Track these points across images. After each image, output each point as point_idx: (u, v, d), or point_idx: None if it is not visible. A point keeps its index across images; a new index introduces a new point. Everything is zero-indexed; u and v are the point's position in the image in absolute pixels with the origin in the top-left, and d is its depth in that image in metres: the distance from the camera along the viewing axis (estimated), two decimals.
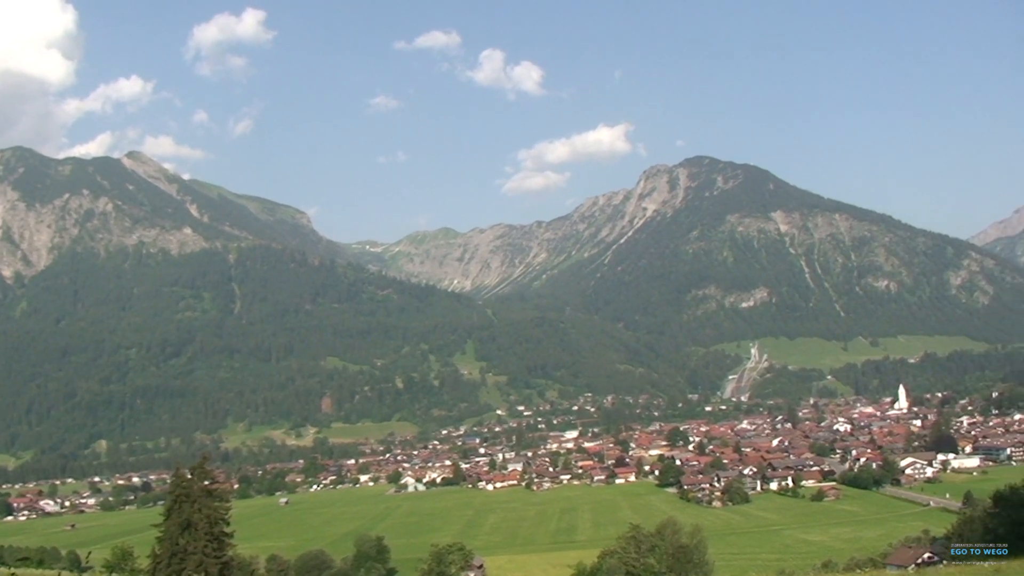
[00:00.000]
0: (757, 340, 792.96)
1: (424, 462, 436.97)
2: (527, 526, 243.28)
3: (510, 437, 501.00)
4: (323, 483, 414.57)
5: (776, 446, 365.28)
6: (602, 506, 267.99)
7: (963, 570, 41.05)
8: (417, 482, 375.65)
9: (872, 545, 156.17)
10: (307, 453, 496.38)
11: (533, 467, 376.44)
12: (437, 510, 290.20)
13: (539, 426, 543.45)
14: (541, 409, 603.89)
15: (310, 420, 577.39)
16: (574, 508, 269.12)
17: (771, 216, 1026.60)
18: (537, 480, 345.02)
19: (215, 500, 72.51)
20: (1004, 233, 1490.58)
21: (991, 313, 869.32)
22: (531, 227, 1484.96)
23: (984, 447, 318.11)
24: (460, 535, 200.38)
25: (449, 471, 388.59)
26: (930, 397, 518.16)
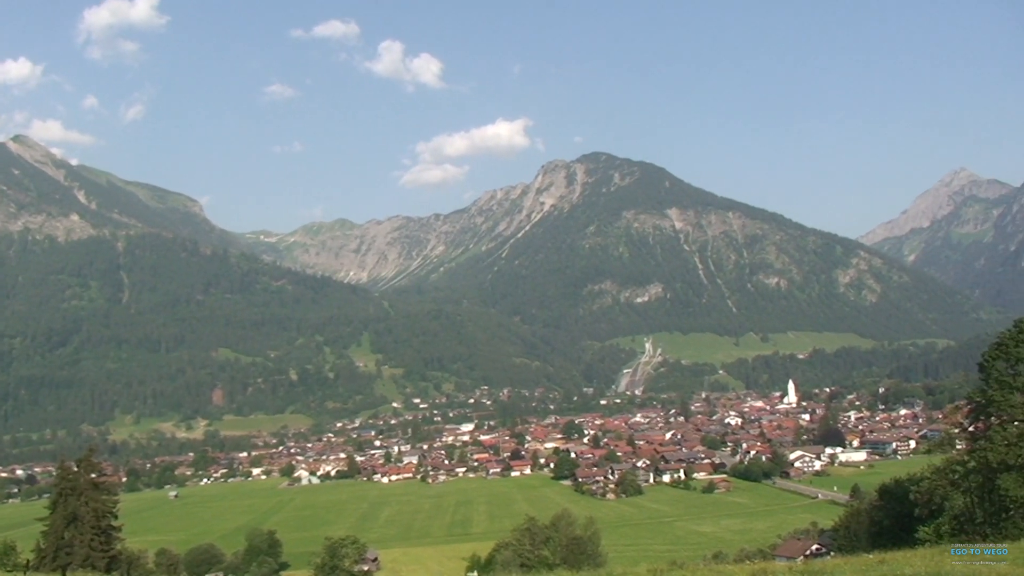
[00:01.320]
0: (651, 335, 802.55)
1: (318, 455, 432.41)
2: (422, 519, 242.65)
3: (406, 430, 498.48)
4: (214, 476, 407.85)
5: (669, 439, 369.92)
6: (497, 499, 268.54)
7: (849, 561, 41.58)
8: (311, 475, 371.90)
9: (762, 537, 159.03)
10: (198, 446, 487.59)
11: (428, 460, 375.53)
12: (331, 503, 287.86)
13: (435, 419, 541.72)
14: (437, 402, 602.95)
15: (201, 412, 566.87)
16: (469, 501, 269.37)
17: (666, 213, 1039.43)
18: (432, 473, 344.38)
19: (102, 493, 70.53)
20: (891, 233, 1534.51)
21: (878, 311, 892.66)
22: (429, 220, 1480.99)
23: (871, 441, 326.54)
24: (354, 528, 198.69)
25: (344, 464, 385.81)
26: (819, 392, 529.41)
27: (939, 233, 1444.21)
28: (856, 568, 35.65)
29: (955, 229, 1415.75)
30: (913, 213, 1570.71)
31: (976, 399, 66.84)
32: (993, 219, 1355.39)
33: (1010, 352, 63.79)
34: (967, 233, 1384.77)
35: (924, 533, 64.71)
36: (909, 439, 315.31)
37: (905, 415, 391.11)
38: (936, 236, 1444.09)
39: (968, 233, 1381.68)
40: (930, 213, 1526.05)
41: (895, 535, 75.51)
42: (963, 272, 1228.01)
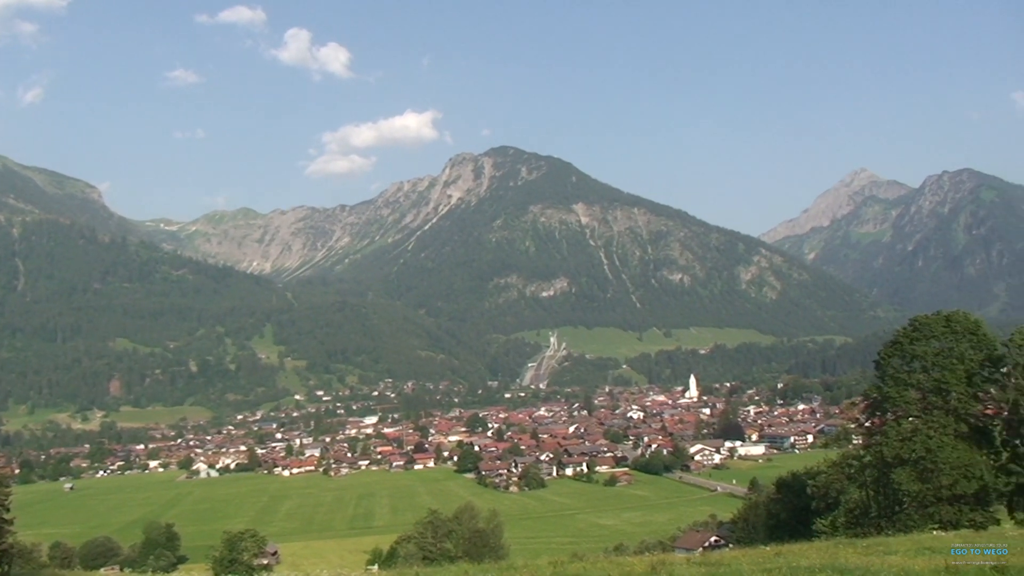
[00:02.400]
0: (556, 329, 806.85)
1: (218, 448, 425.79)
2: (324, 512, 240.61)
3: (308, 422, 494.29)
4: (110, 469, 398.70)
5: (572, 433, 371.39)
6: (400, 492, 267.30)
7: (747, 553, 41.99)
8: (210, 468, 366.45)
9: (662, 529, 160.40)
10: (93, 438, 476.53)
11: (331, 453, 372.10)
12: (231, 496, 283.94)
13: (338, 411, 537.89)
14: (340, 394, 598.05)
15: (97, 403, 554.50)
16: (372, 494, 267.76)
17: (573, 208, 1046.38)
18: (335, 466, 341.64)
19: None
20: (793, 232, 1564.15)
21: (778, 307, 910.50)
22: (334, 211, 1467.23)
23: (769, 435, 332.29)
24: (254, 521, 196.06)
25: (244, 457, 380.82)
26: (719, 387, 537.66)
27: (839, 232, 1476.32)
28: (753, 560, 35.92)
29: (854, 228, 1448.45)
30: (814, 212, 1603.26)
31: (872, 395, 68.12)
32: (892, 219, 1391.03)
33: (905, 350, 65.10)
34: (866, 232, 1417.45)
35: (820, 526, 65.78)
36: (807, 433, 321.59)
37: (803, 410, 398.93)
38: (836, 235, 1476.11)
39: (867, 232, 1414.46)
40: (830, 212, 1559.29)
41: (792, 528, 76.70)
42: (862, 271, 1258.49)
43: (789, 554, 38.20)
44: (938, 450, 59.87)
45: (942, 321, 65.67)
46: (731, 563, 34.75)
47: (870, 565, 29.93)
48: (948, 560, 28.85)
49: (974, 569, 27.04)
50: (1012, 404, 61.97)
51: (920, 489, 59.67)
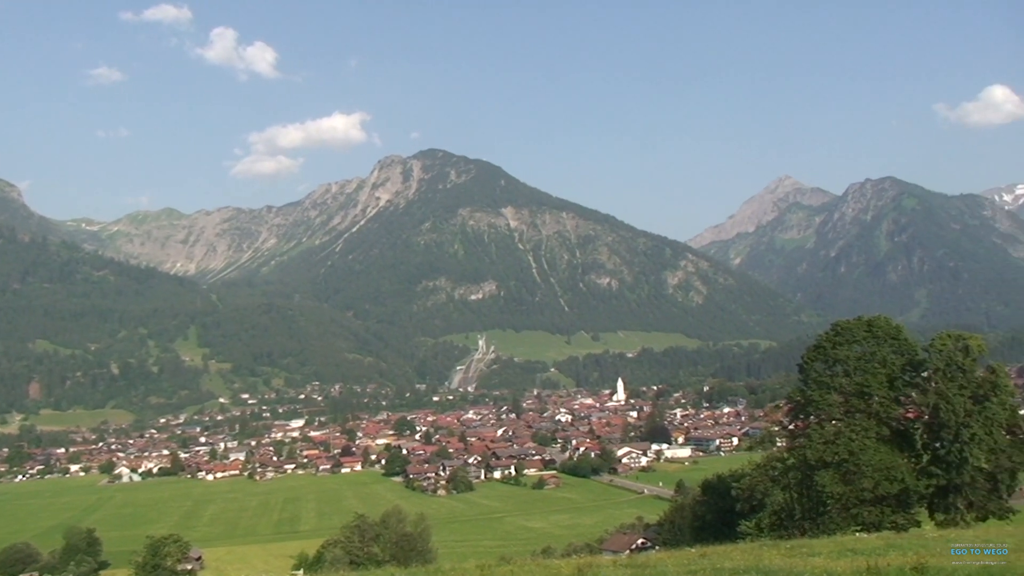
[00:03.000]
0: (485, 332, 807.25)
1: (140, 452, 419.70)
2: (248, 517, 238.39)
3: (233, 426, 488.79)
4: (29, 473, 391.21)
5: (500, 436, 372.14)
6: (327, 496, 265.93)
7: (673, 555, 42.30)
8: (132, 472, 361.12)
9: (590, 531, 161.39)
10: (12, 441, 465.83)
11: (256, 457, 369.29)
12: (153, 501, 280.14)
13: (264, 415, 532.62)
14: (266, 398, 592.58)
15: (16, 406, 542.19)
16: (298, 498, 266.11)
17: (501, 212, 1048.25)
18: (260, 470, 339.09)
19: None
20: (719, 237, 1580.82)
21: (704, 312, 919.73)
22: (261, 212, 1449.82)
23: (695, 438, 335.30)
24: (177, 526, 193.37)
25: (167, 461, 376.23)
26: (646, 390, 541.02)
27: (764, 238, 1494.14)
28: (678, 562, 36.21)
29: (779, 235, 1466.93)
30: (740, 218, 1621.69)
31: (796, 399, 69.03)
32: (815, 226, 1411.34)
33: (828, 354, 66.11)
34: (790, 239, 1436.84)
35: (745, 527, 66.44)
36: (732, 436, 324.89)
37: (728, 413, 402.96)
38: (761, 241, 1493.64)
39: (791, 239, 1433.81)
40: (756, 218, 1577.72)
41: (717, 529, 77.41)
42: (786, 276, 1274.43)
43: (714, 555, 38.58)
44: (860, 453, 60.89)
45: (864, 326, 66.77)
46: (657, 565, 35.02)
47: (793, 567, 30.34)
48: (869, 561, 29.36)
49: (895, 570, 27.53)
50: (932, 408, 63.23)
51: (843, 491, 60.62)
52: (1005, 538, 40.47)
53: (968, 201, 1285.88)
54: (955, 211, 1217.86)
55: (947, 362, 63.67)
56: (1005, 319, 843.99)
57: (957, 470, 62.10)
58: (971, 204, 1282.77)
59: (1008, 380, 67.25)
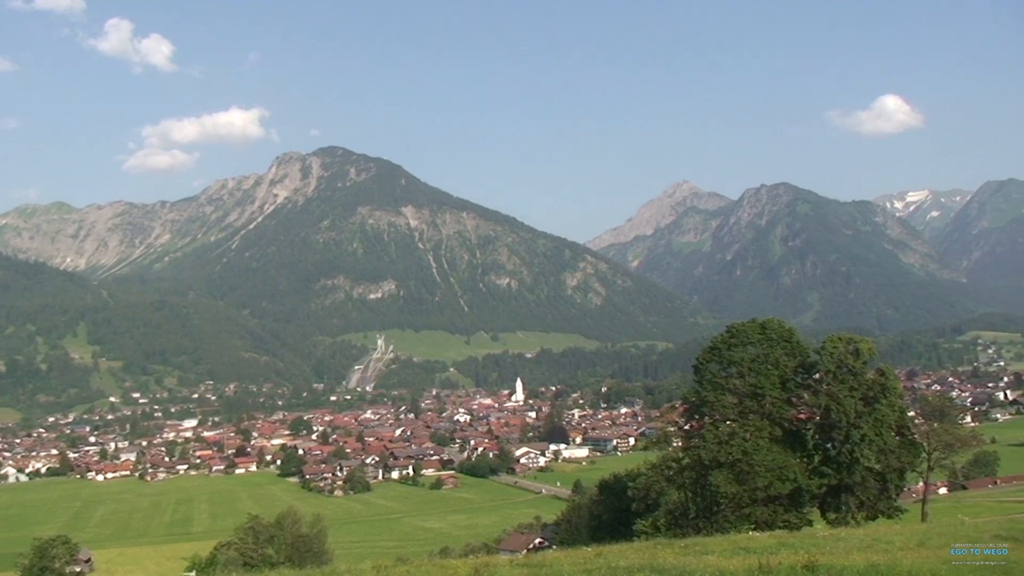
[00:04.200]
0: (384, 331, 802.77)
1: (27, 451, 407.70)
2: (140, 518, 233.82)
3: (124, 425, 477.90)
4: None
5: (399, 436, 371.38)
6: (221, 497, 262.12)
7: (569, 554, 42.34)
8: (19, 472, 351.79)
9: (487, 531, 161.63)
10: None
11: (148, 457, 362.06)
12: (41, 502, 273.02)
13: (156, 414, 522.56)
14: (158, 397, 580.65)
15: None
16: (191, 499, 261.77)
17: (402, 211, 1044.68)
18: (152, 470, 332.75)
19: None
20: (617, 240, 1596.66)
21: (603, 313, 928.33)
22: (155, 207, 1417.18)
23: (593, 438, 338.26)
24: (66, 528, 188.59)
25: (56, 461, 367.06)
26: (545, 390, 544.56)
27: (662, 241, 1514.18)
28: (574, 561, 36.23)
29: (676, 238, 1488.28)
30: (638, 221, 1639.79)
31: (691, 399, 69.79)
32: (712, 229, 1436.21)
33: (723, 355, 66.95)
34: (687, 242, 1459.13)
35: (641, 526, 67.07)
36: (629, 436, 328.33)
37: (625, 413, 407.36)
38: (659, 244, 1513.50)
39: (688, 242, 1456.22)
40: (654, 222, 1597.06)
41: (614, 528, 78.02)
42: (683, 278, 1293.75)
43: (609, 554, 38.67)
44: (754, 453, 61.77)
45: (757, 328, 67.73)
46: (553, 564, 34.98)
47: (687, 565, 30.53)
48: (761, 560, 29.67)
49: (786, 568, 27.86)
50: (824, 409, 64.42)
51: (737, 491, 61.43)
52: (894, 536, 41.43)
53: (860, 208, 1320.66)
54: (847, 217, 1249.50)
55: (838, 364, 64.92)
56: (895, 323, 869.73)
57: (848, 470, 63.35)
58: (863, 210, 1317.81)
59: (897, 382, 68.84)
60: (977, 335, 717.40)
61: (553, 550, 78.26)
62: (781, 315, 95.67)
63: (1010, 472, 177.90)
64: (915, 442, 71.72)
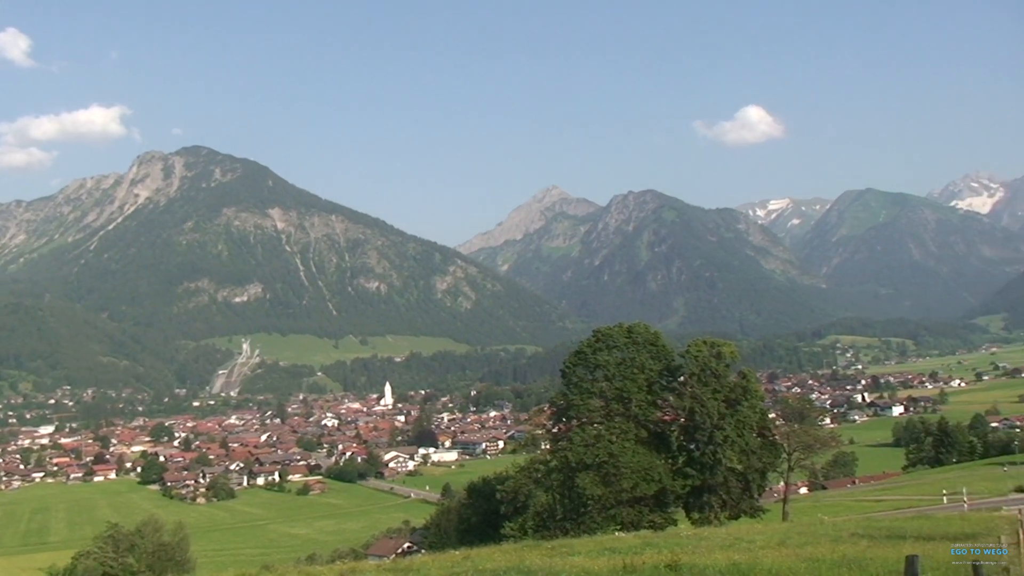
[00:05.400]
0: (249, 335, 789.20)
1: None
2: None
3: None
4: None
5: (264, 441, 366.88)
6: (79, 505, 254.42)
7: (437, 558, 42.34)
8: None
9: (355, 537, 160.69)
10: None
11: (2, 464, 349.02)
12: None
13: (10, 421, 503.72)
14: (13, 403, 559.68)
15: None
16: (47, 508, 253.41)
17: (268, 212, 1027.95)
18: (6, 478, 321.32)
19: None
20: (487, 244, 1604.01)
21: (472, 317, 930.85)
22: (9, 206, 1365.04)
23: (462, 442, 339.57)
24: None
25: None
26: (414, 394, 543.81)
27: (531, 246, 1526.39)
28: (442, 564, 36.28)
29: (546, 243, 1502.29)
30: (508, 226, 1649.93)
31: (558, 403, 70.46)
32: (580, 235, 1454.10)
33: (589, 359, 67.76)
34: (556, 247, 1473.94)
35: (509, 529, 67.28)
36: (498, 440, 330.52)
37: (495, 417, 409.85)
38: (528, 248, 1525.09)
39: (557, 247, 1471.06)
40: (524, 227, 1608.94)
41: (482, 531, 78.10)
42: (552, 283, 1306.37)
43: (477, 557, 38.80)
44: (620, 455, 62.64)
45: (624, 332, 68.74)
46: (420, 568, 34.96)
47: (553, 566, 30.76)
48: (626, 560, 30.09)
49: (650, 567, 28.29)
50: (688, 411, 65.72)
51: (603, 492, 62.20)
52: (755, 536, 42.48)
53: (724, 215, 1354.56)
54: (712, 224, 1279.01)
55: (702, 367, 66.32)
56: (757, 327, 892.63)
57: (711, 471, 64.75)
58: (727, 218, 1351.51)
59: (758, 385, 70.67)
60: (836, 339, 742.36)
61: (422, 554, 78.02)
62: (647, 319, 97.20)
63: (868, 472, 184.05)
64: (776, 443, 73.77)
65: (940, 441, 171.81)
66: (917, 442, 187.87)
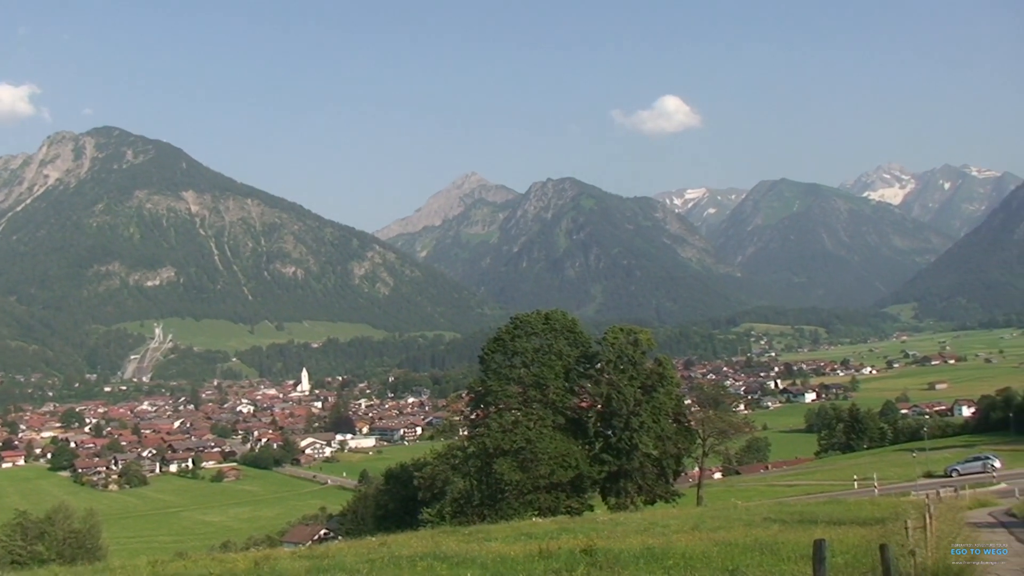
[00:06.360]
0: (162, 320, 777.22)
1: None
2: None
3: None
4: None
5: (178, 428, 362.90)
6: None
7: (353, 545, 42.33)
8: None
9: (271, 524, 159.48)
10: None
11: None
12: None
13: None
14: None
15: None
16: None
17: (182, 195, 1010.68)
18: None
19: None
20: (406, 230, 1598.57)
21: (390, 303, 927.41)
22: None
23: (380, 428, 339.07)
24: None
25: None
26: (331, 380, 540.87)
27: (450, 232, 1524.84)
28: (358, 551, 36.21)
29: (465, 229, 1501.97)
30: (427, 212, 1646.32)
31: (476, 389, 70.65)
32: (499, 222, 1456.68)
33: (507, 346, 68.01)
34: (475, 233, 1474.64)
35: (427, 515, 67.42)
36: (416, 426, 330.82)
37: (413, 403, 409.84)
38: (447, 235, 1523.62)
39: (476, 233, 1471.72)
40: (443, 213, 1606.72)
41: (400, 518, 78.14)
42: (470, 270, 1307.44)
43: (394, 544, 38.80)
44: (537, 441, 63.00)
45: (542, 319, 69.12)
46: (336, 555, 34.85)
47: (469, 551, 30.89)
48: (542, 545, 30.30)
49: (565, 552, 28.54)
50: (605, 398, 66.30)
51: (520, 478, 62.50)
52: (670, 520, 43.08)
53: (642, 203, 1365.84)
54: (630, 212, 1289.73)
55: (619, 354, 66.94)
56: (673, 314, 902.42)
57: (627, 456, 65.42)
58: (644, 206, 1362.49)
59: (674, 372, 71.60)
60: (750, 327, 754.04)
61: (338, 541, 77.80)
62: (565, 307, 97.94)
63: (780, 457, 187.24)
64: (691, 429, 74.86)
65: (851, 427, 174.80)
66: (829, 428, 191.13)
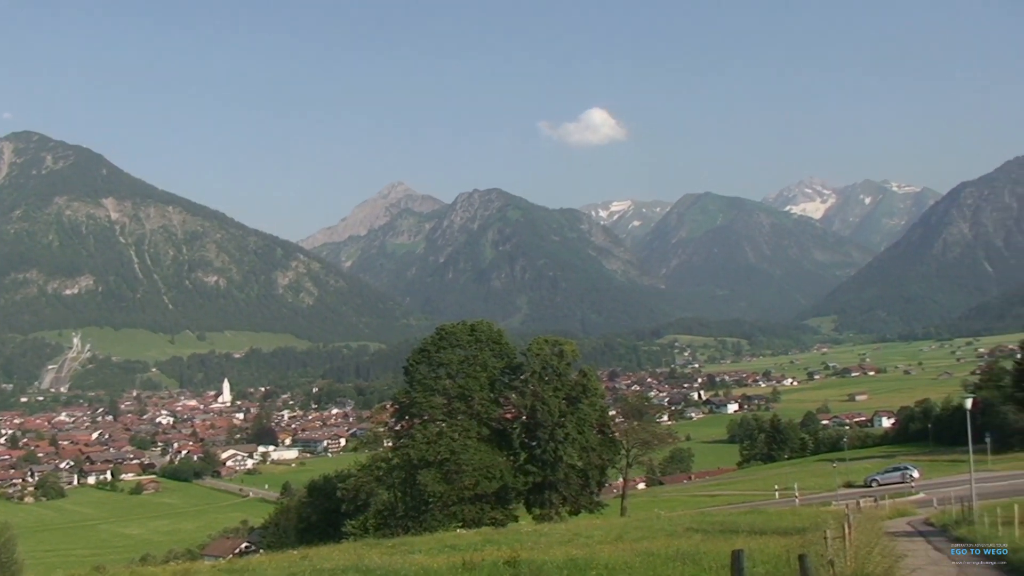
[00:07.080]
0: (81, 329, 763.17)
1: None
2: None
3: None
4: None
5: (96, 439, 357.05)
6: None
7: (275, 558, 41.97)
8: None
9: (191, 537, 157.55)
10: None
11: None
12: None
13: None
14: None
15: None
16: None
17: (102, 202, 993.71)
18: None
19: None
20: (331, 239, 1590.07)
21: (315, 313, 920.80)
22: None
23: (303, 440, 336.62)
24: None
25: None
26: (254, 391, 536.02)
27: (376, 242, 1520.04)
28: (279, 564, 35.87)
29: (390, 239, 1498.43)
30: (352, 221, 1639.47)
31: (401, 400, 70.36)
32: (426, 232, 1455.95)
33: (432, 357, 67.87)
34: (401, 243, 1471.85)
35: (350, 527, 66.96)
36: (340, 437, 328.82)
37: (337, 414, 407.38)
38: (373, 244, 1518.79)
39: (402, 243, 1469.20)
40: (368, 222, 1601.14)
41: (323, 530, 77.50)
42: (396, 280, 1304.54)
43: (316, 557, 38.53)
44: (462, 452, 62.91)
45: (467, 330, 69.10)
46: (257, 568, 34.53)
47: (393, 564, 30.71)
48: (466, 557, 30.24)
49: (489, 564, 28.50)
50: (529, 409, 66.40)
51: (445, 489, 62.35)
52: (594, 531, 43.24)
53: (568, 215, 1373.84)
54: (556, 224, 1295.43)
55: (544, 365, 67.12)
56: (598, 326, 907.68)
57: (552, 467, 65.59)
58: (570, 218, 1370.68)
59: (599, 383, 71.97)
60: (674, 338, 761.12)
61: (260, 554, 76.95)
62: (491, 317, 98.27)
63: (703, 468, 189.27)
64: (615, 440, 75.28)
65: (773, 438, 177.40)
66: (751, 439, 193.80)
